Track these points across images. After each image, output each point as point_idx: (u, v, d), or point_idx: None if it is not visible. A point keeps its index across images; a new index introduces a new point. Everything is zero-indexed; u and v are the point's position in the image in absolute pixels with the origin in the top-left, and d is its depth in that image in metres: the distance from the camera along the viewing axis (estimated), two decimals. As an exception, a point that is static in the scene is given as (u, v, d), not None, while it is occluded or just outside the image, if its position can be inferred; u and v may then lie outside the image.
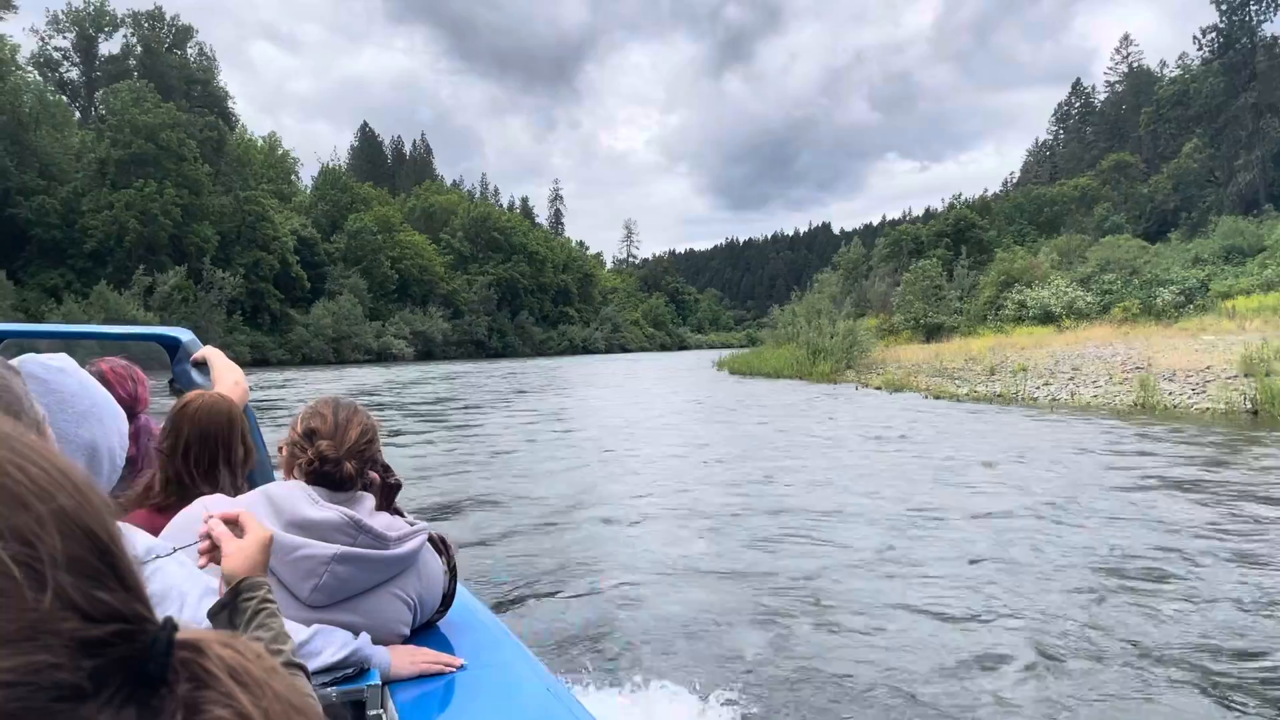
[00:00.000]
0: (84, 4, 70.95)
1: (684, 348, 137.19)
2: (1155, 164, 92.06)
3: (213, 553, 1.34)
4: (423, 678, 1.75)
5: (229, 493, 2.01)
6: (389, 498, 1.94)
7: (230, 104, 79.24)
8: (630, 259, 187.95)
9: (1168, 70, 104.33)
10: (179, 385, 3.06)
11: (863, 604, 5.39)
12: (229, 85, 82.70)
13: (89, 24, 71.03)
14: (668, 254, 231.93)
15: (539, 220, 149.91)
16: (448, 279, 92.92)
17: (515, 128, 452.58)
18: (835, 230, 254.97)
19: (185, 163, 61.96)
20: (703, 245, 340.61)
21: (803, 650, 4.65)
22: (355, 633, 1.69)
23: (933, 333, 45.84)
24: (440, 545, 2.00)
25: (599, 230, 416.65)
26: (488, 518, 8.28)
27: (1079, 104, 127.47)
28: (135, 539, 1.40)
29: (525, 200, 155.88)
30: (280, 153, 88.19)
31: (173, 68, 72.36)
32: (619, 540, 7.39)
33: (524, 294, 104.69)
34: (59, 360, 1.34)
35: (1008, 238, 65.92)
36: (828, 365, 31.65)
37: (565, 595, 5.79)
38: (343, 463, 1.78)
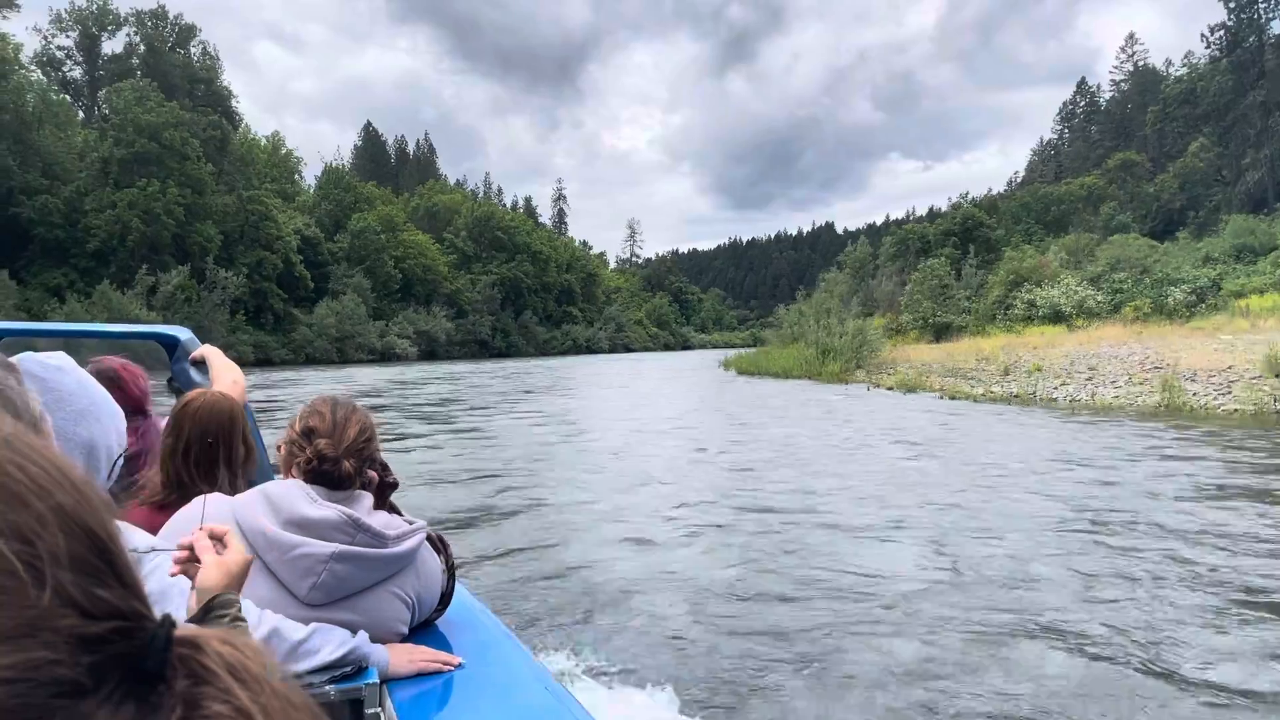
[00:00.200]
0: (87, 3, 70.75)
1: (687, 347, 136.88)
2: (1161, 163, 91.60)
3: (187, 565, 1.31)
4: (421, 676, 1.75)
5: (228, 492, 1.99)
6: (385, 496, 1.94)
7: (234, 103, 79.09)
8: (634, 259, 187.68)
9: (1173, 69, 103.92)
10: (178, 384, 3.13)
11: (926, 623, 5.01)
12: (232, 85, 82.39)
13: (92, 23, 70.81)
14: (671, 254, 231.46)
15: (542, 220, 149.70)
16: (451, 278, 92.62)
17: (518, 127, 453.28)
18: (839, 230, 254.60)
19: (188, 162, 61.70)
20: (706, 245, 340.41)
21: (846, 669, 4.30)
22: (353, 631, 1.68)
23: (941, 332, 45.44)
24: (438, 544, 2.01)
25: (602, 230, 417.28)
26: (490, 518, 8.13)
27: (1084, 103, 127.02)
28: (134, 537, 1.42)
29: (529, 200, 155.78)
30: (283, 152, 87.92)
31: (176, 67, 72.18)
32: (632, 547, 7.09)
33: (528, 294, 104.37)
34: (57, 359, 1.34)
35: (1016, 236, 65.47)
36: (837, 365, 31.29)
37: (565, 595, 5.75)
38: (341, 461, 1.77)
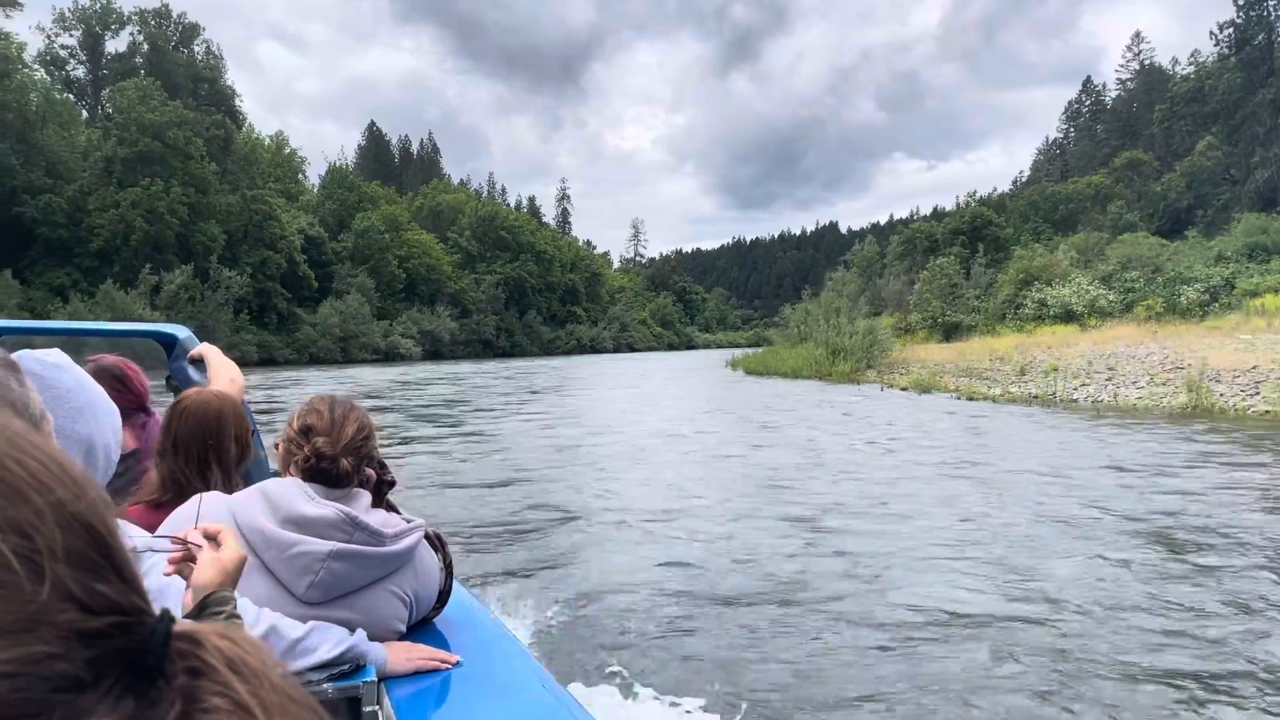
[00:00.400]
0: (90, 2, 70.54)
1: (691, 347, 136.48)
2: (1168, 162, 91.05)
3: (181, 565, 1.32)
4: (419, 674, 1.75)
5: (222, 490, 1.97)
6: (383, 494, 1.93)
7: (237, 102, 78.83)
8: (638, 258, 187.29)
9: (1179, 68, 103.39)
10: (176, 382, 3.14)
11: (1018, 664, 4.55)
12: (236, 84, 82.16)
13: (95, 22, 70.60)
14: (675, 253, 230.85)
15: (546, 220, 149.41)
16: (455, 278, 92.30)
17: (522, 127, 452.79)
18: (843, 230, 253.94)
19: (192, 161, 61.43)
20: (709, 245, 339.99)
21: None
22: (351, 629, 1.68)
23: (950, 332, 45.01)
24: (436, 542, 2.00)
25: (605, 230, 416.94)
26: (508, 529, 8.00)
27: (1090, 102, 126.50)
28: (133, 535, 1.42)
29: (532, 199, 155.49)
30: (287, 152, 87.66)
31: (179, 66, 71.99)
32: (657, 554, 6.76)
33: (532, 293, 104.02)
34: (55, 356, 1.34)
35: (1025, 235, 64.97)
36: (848, 365, 30.90)
37: (566, 595, 5.73)
38: (339, 459, 1.77)
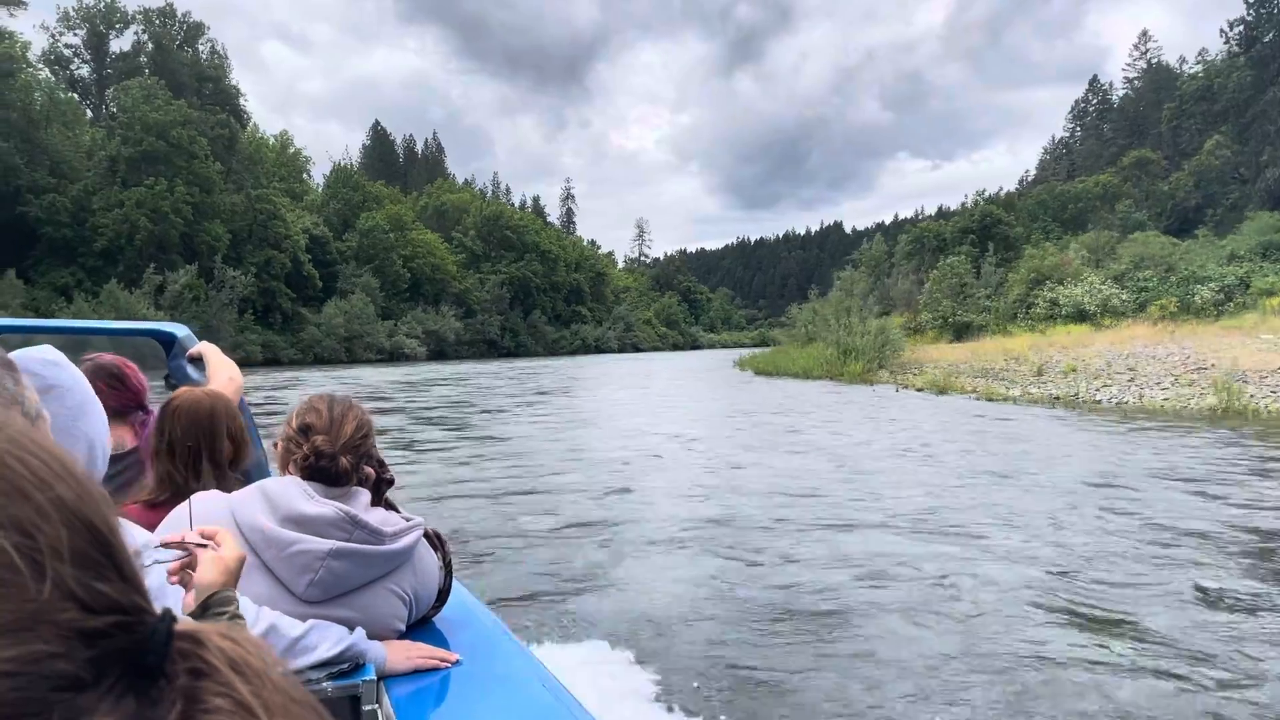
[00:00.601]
0: (94, 1, 70.32)
1: (696, 347, 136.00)
2: (1176, 161, 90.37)
3: (183, 573, 1.31)
4: (418, 673, 1.74)
5: (216, 489, 1.95)
6: (382, 493, 1.92)
7: (242, 101, 78.53)
8: (642, 258, 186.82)
9: (1187, 66, 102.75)
10: (174, 380, 3.10)
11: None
12: (240, 85, 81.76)
13: (100, 21, 70.36)
14: (679, 253, 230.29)
15: (550, 219, 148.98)
16: (460, 278, 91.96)
17: (526, 127, 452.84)
18: (847, 229, 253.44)
19: (196, 160, 61.16)
20: (714, 244, 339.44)
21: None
22: (350, 628, 1.68)
23: (961, 331, 44.55)
24: (435, 541, 1.99)
25: (610, 229, 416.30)
26: (504, 527, 7.94)
27: (1096, 101, 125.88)
28: (134, 534, 1.42)
29: (537, 199, 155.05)
30: (292, 151, 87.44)
31: (184, 65, 71.68)
32: (665, 559, 6.61)
33: (536, 293, 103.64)
34: (51, 354, 1.34)
35: (1036, 234, 64.42)
36: (859, 365, 30.48)
37: (566, 594, 5.72)
38: (338, 458, 1.76)
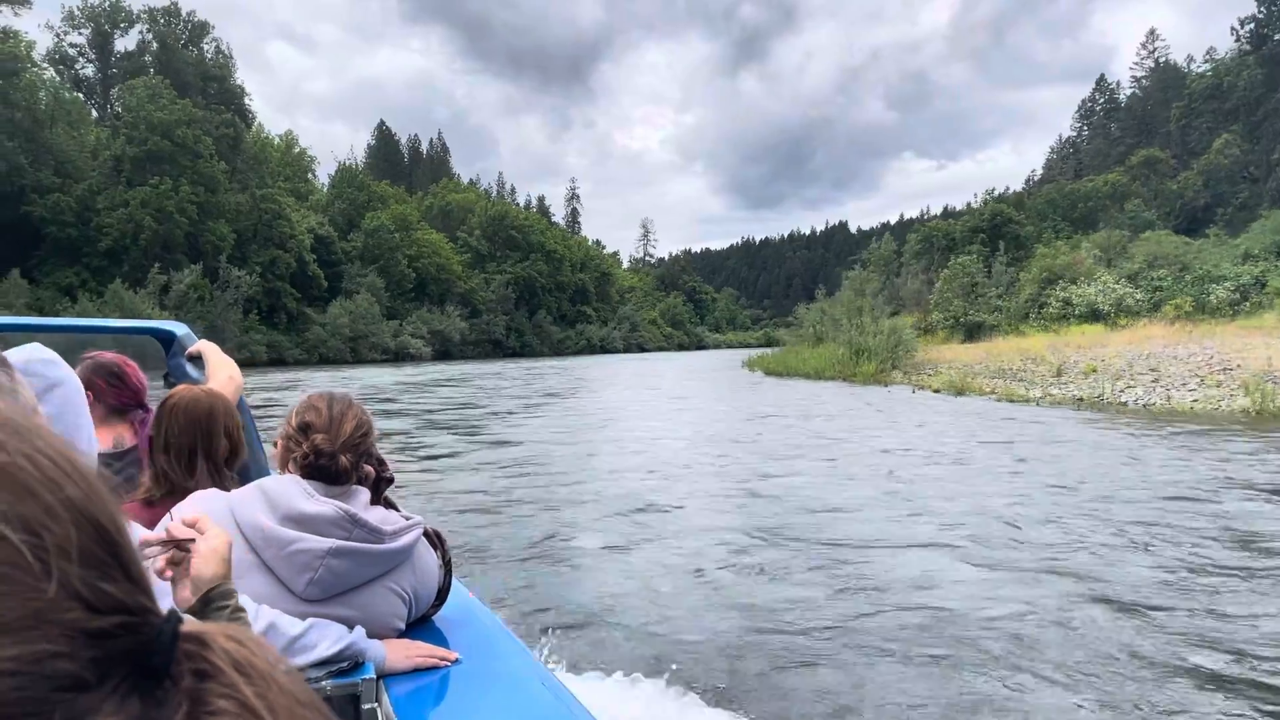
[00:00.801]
0: (99, 0, 70.11)
1: (701, 347, 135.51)
2: (1185, 160, 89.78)
3: (175, 565, 1.28)
4: (418, 671, 1.74)
5: (212, 487, 1.96)
6: (381, 491, 1.92)
7: (246, 101, 78.24)
8: (647, 258, 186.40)
9: (1195, 66, 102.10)
10: (174, 379, 3.09)
11: None
12: (246, 85, 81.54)
13: (104, 20, 70.13)
14: (683, 253, 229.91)
15: (555, 219, 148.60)
16: (465, 278, 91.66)
17: (530, 127, 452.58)
18: (853, 229, 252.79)
19: (201, 160, 60.93)
20: (718, 244, 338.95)
21: None
22: (350, 626, 1.68)
23: (972, 331, 44.07)
24: (435, 540, 1.98)
25: (614, 230, 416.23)
26: (498, 519, 7.85)
27: (1103, 100, 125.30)
28: (135, 532, 1.45)
29: (542, 199, 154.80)
30: (297, 151, 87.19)
31: (189, 64, 71.42)
32: (683, 570, 6.25)
33: (542, 293, 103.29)
34: (45, 352, 1.34)
35: (1047, 233, 63.89)
36: (872, 366, 30.04)
37: (566, 593, 5.70)
38: (338, 456, 1.76)
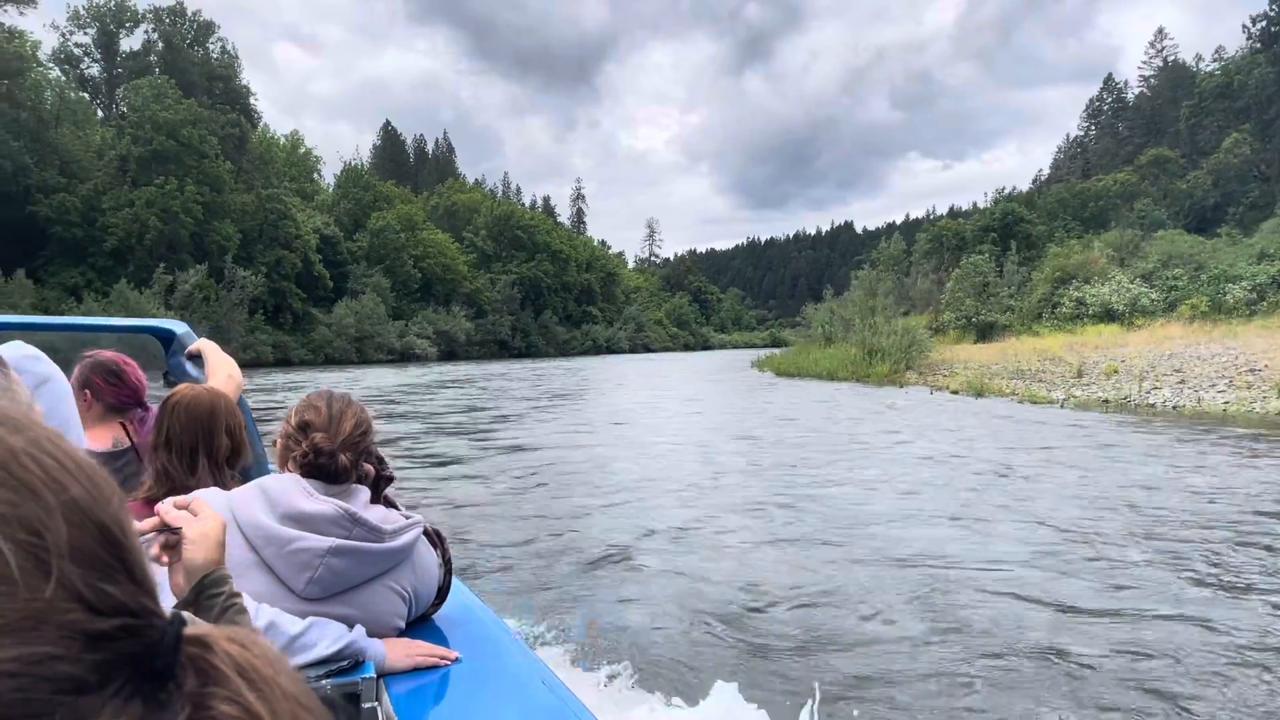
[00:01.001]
0: (104, 0, 69.98)
1: (707, 347, 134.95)
2: (1194, 159, 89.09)
3: (170, 550, 1.26)
4: (418, 670, 1.74)
5: (212, 485, 1.98)
6: (381, 490, 1.93)
7: (252, 101, 78.09)
8: (653, 258, 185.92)
9: (1203, 65, 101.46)
10: (173, 378, 3.08)
11: None
12: (251, 86, 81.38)
13: (110, 20, 69.98)
14: (689, 253, 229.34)
15: (561, 219, 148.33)
16: (471, 278, 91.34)
17: (536, 127, 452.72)
18: (858, 229, 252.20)
19: (206, 160, 60.71)
20: (724, 245, 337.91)
21: None
22: (350, 625, 1.69)
23: (985, 331, 43.56)
24: (435, 538, 1.99)
25: (620, 230, 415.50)
26: (499, 519, 7.81)
27: (1111, 99, 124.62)
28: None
29: (547, 199, 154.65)
30: (302, 151, 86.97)
31: (194, 64, 71.31)
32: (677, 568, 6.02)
33: (547, 293, 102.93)
34: (30, 349, 1.34)
35: (1060, 232, 63.28)
36: (886, 366, 29.59)
37: (566, 592, 5.72)
38: (337, 455, 1.76)
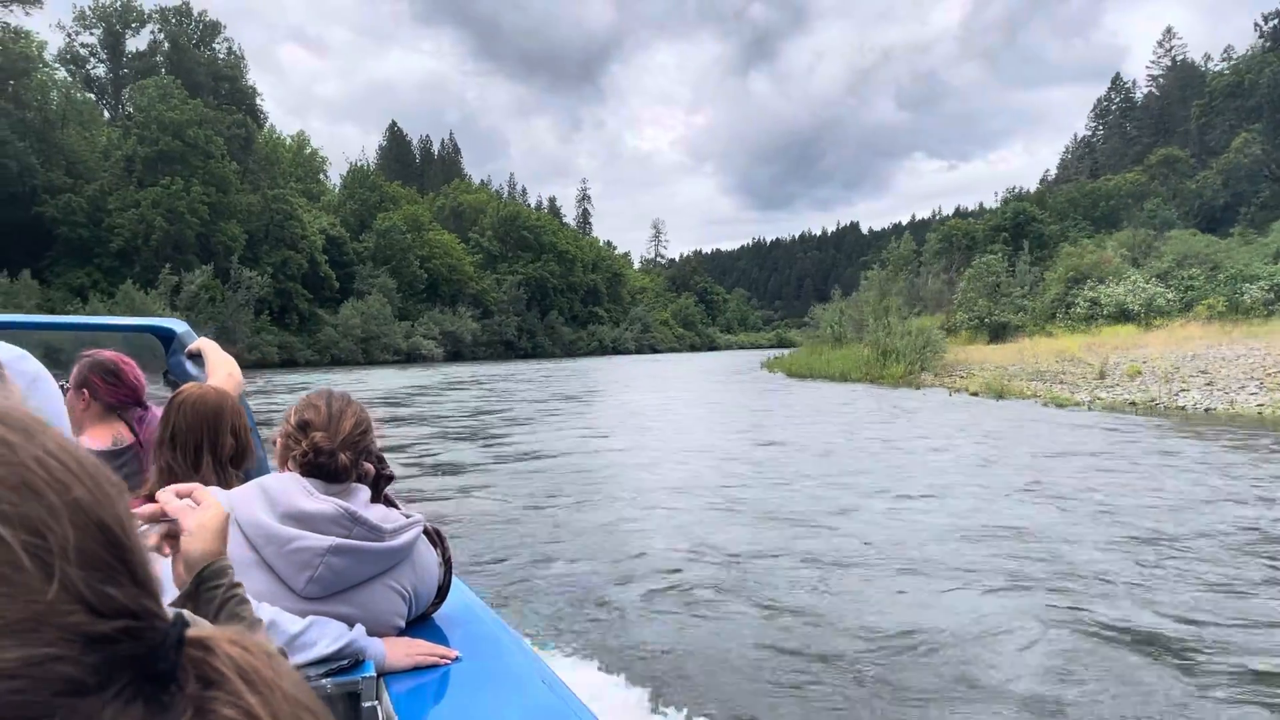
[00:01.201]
0: (110, 0, 69.83)
1: (713, 348, 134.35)
2: (1203, 159, 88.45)
3: (171, 540, 1.24)
4: (418, 669, 1.73)
5: (216, 484, 1.96)
6: (381, 489, 1.92)
7: (258, 101, 77.86)
8: (658, 259, 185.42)
9: (1211, 64, 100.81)
10: (173, 376, 3.11)
11: None
12: (257, 85, 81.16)
13: (116, 20, 69.83)
14: (694, 254, 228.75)
15: (566, 220, 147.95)
16: (477, 278, 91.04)
17: (541, 128, 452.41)
18: (864, 230, 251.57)
19: (212, 160, 60.54)
20: (729, 245, 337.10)
21: None
22: (350, 624, 1.68)
23: (997, 332, 43.06)
24: (435, 537, 1.98)
25: (625, 230, 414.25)
26: (499, 518, 7.73)
27: (1119, 99, 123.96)
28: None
29: (553, 200, 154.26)
30: (308, 151, 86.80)
31: (200, 64, 71.11)
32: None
33: (553, 294, 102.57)
34: (15, 350, 1.35)
35: (1074, 232, 62.71)
36: (901, 367, 29.15)
37: (566, 591, 5.72)
38: (337, 454, 1.76)
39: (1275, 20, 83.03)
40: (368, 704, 1.58)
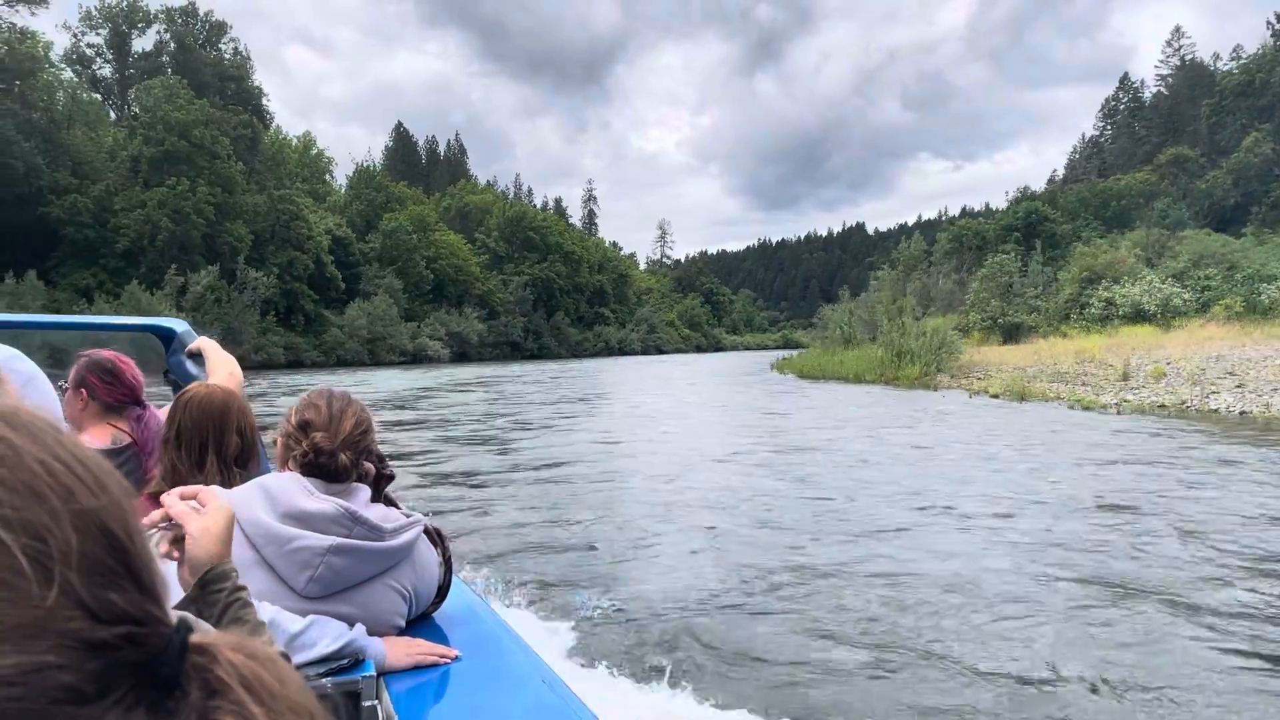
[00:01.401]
0: (116, 0, 69.68)
1: (719, 349, 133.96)
2: (1213, 159, 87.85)
3: (178, 544, 1.23)
4: (418, 669, 1.74)
5: (220, 484, 1.99)
6: (382, 489, 1.93)
7: (264, 101, 77.63)
8: (664, 260, 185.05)
9: (1220, 63, 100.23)
10: (174, 376, 3.10)
11: None
12: (263, 86, 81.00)
13: (122, 20, 69.66)
14: (700, 255, 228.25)
15: (572, 221, 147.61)
16: (483, 279, 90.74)
17: (547, 129, 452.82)
18: (870, 230, 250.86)
19: (218, 160, 60.30)
20: (735, 246, 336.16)
21: None
22: (350, 624, 1.69)
23: (1010, 332, 42.59)
24: (435, 537, 1.99)
25: (631, 231, 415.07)
26: (500, 518, 7.67)
27: (1127, 99, 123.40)
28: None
29: (559, 200, 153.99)
30: (314, 152, 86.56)
31: (206, 65, 70.90)
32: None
33: (560, 294, 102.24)
34: (9, 349, 1.37)
35: (1087, 231, 62.15)
36: (916, 369, 28.69)
37: (565, 591, 5.68)
38: (338, 454, 1.77)
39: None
40: (368, 703, 1.59)
